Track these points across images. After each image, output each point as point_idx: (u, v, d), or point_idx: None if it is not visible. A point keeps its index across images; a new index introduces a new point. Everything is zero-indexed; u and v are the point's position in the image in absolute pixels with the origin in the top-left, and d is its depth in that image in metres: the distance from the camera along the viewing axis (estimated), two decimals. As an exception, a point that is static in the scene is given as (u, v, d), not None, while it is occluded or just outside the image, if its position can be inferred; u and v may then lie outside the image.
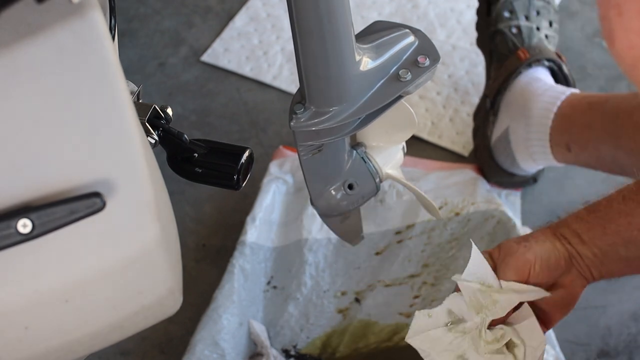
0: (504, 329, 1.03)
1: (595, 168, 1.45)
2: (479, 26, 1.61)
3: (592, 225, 1.06)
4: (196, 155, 1.02)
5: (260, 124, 1.67)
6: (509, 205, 1.53)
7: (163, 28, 1.80)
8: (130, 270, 0.76)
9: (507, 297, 1.03)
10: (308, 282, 1.46)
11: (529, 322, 1.04)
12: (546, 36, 1.56)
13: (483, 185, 1.54)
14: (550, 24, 1.58)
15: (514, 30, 1.55)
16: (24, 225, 0.71)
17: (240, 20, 1.80)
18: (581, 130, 1.43)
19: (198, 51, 1.77)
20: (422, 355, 1.05)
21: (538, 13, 1.58)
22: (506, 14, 1.57)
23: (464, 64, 1.72)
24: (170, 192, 0.84)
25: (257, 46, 1.76)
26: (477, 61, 1.70)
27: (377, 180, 1.12)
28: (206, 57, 1.76)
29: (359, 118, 1.01)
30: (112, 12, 0.94)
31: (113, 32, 0.94)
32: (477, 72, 1.70)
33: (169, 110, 1.02)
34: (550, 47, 1.55)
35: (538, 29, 1.56)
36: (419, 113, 1.66)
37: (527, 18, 1.56)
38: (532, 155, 1.50)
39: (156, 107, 1.00)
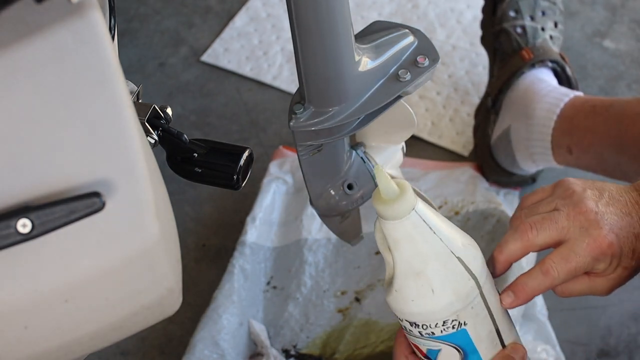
0: None
1: (596, 172, 1.44)
2: (484, 24, 1.61)
3: None
4: (196, 155, 1.02)
5: (260, 124, 1.67)
6: (507, 204, 1.53)
7: (163, 28, 1.80)
8: (129, 270, 0.76)
9: None
10: (308, 282, 1.46)
11: None
12: (551, 37, 1.56)
13: (482, 184, 1.54)
14: (556, 25, 1.58)
15: (519, 30, 1.55)
16: (23, 225, 0.71)
17: (240, 20, 1.80)
18: (584, 134, 1.43)
19: (198, 51, 1.77)
20: None
21: (543, 14, 1.57)
22: (512, 14, 1.56)
23: (464, 64, 1.72)
24: (170, 192, 0.84)
25: (257, 46, 1.76)
26: (477, 61, 1.70)
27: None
28: (206, 57, 1.76)
29: (359, 118, 1.01)
30: (112, 12, 0.94)
31: (113, 32, 0.94)
32: (477, 72, 1.70)
33: (169, 110, 1.02)
34: (555, 48, 1.55)
35: (543, 29, 1.56)
36: (419, 113, 1.66)
37: (532, 18, 1.56)
38: (533, 155, 1.50)
39: (156, 107, 1.00)
